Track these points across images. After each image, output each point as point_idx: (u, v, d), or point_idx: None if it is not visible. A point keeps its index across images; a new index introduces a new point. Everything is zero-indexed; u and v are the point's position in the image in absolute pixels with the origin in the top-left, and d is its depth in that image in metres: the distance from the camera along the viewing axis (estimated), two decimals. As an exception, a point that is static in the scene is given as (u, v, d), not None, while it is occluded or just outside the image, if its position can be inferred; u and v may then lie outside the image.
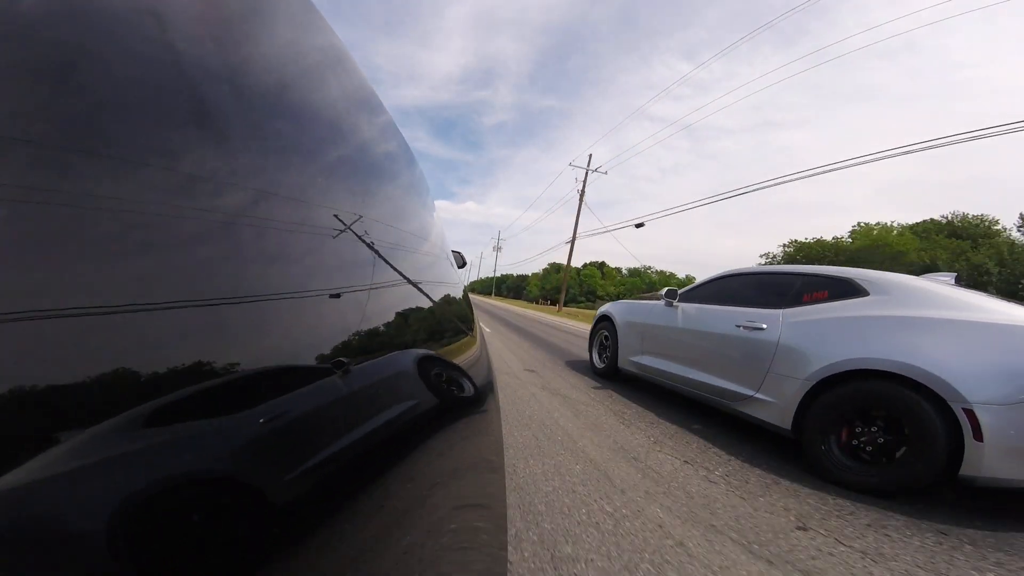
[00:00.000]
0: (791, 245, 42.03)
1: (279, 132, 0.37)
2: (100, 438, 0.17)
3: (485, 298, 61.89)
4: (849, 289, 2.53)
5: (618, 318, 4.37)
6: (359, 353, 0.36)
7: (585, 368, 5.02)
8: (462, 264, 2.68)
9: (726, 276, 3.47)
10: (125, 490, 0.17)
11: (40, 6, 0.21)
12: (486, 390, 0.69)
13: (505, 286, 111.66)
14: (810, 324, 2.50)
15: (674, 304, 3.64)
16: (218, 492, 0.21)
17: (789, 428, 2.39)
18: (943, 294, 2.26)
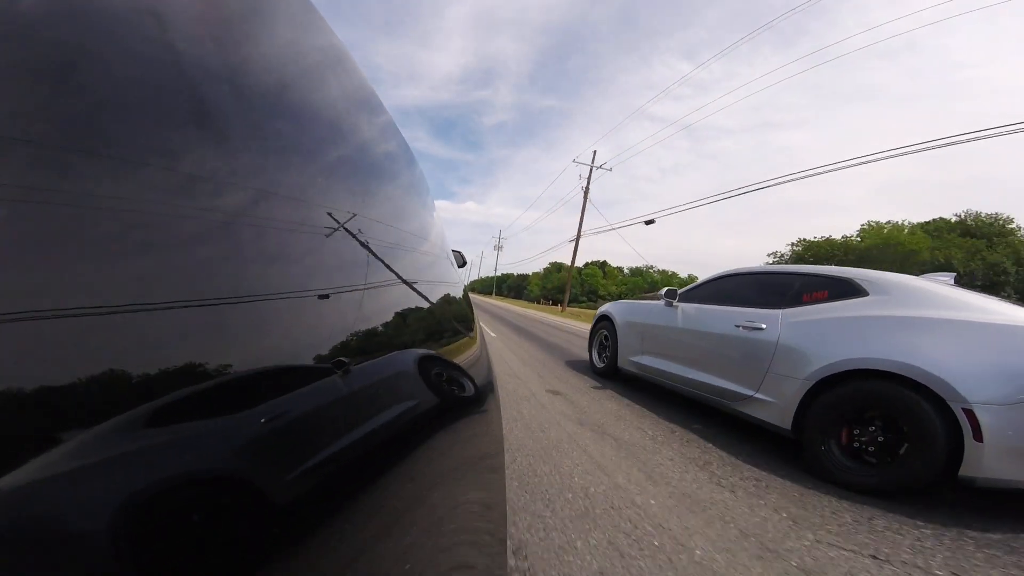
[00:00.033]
0: (799, 244, 41.47)
1: (279, 132, 0.37)
2: (100, 438, 0.17)
3: (486, 298, 60.89)
4: (849, 289, 2.53)
5: (618, 318, 4.36)
6: (359, 353, 0.36)
7: (633, 392, 3.95)
8: (462, 264, 2.68)
9: (726, 276, 3.46)
10: (126, 490, 0.17)
11: (40, 6, 0.21)
12: (486, 390, 0.69)
13: (506, 285, 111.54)
14: (810, 324, 2.50)
15: (674, 304, 3.63)
16: (219, 492, 0.21)
17: (789, 428, 2.39)
18: (943, 294, 2.26)
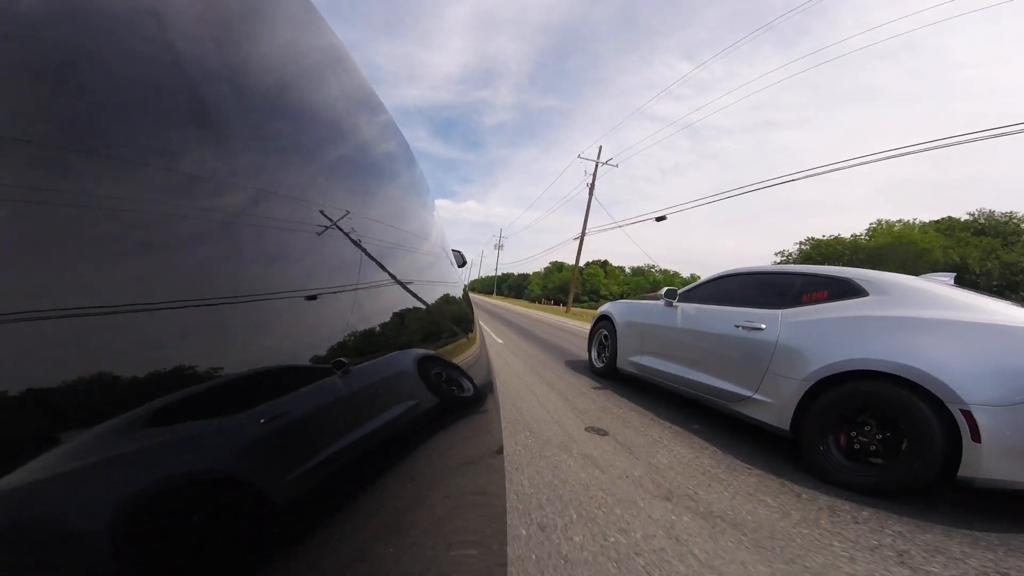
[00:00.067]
0: (807, 243, 41.00)
1: (279, 132, 0.37)
2: (100, 438, 0.17)
3: (486, 297, 60.16)
4: (848, 289, 2.53)
5: (617, 318, 4.36)
6: (359, 353, 0.36)
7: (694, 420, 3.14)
8: (462, 263, 2.68)
9: (726, 276, 3.46)
10: (126, 490, 0.17)
11: (40, 6, 0.21)
12: (486, 390, 0.69)
13: (506, 285, 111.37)
14: (809, 324, 2.50)
15: (673, 304, 3.63)
16: (219, 492, 0.21)
17: (787, 429, 2.39)
18: (942, 295, 2.26)
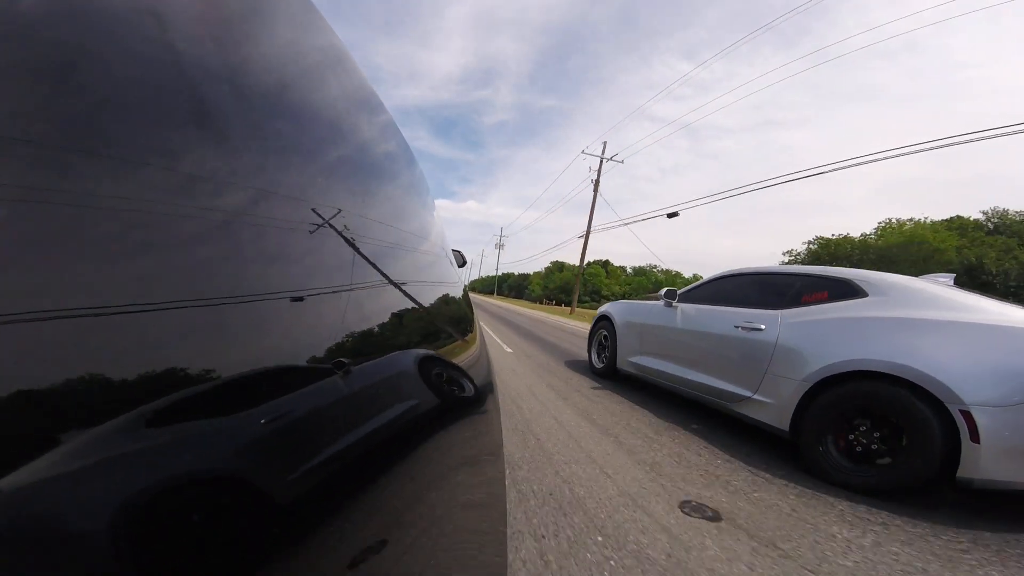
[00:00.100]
0: (816, 242, 40.53)
1: (279, 132, 0.37)
2: (100, 439, 0.17)
3: (487, 298, 58.94)
4: (848, 290, 2.54)
5: (617, 318, 4.36)
6: (360, 353, 0.36)
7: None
8: (462, 263, 2.67)
9: (725, 276, 3.46)
10: (126, 491, 0.17)
11: (40, 6, 0.21)
12: (486, 390, 0.69)
13: (506, 285, 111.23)
14: (808, 325, 2.50)
15: (673, 304, 3.63)
16: (220, 492, 0.21)
17: (787, 429, 2.39)
18: (941, 295, 2.26)
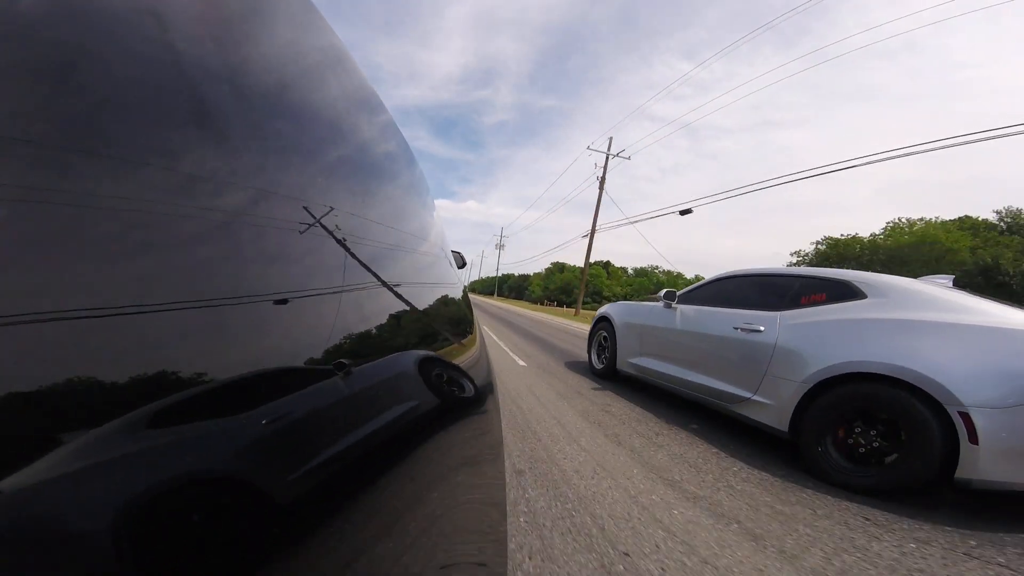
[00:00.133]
0: (824, 242, 40.06)
1: (279, 132, 0.37)
2: (100, 439, 0.17)
3: (488, 299, 58.13)
4: (847, 292, 2.54)
5: (617, 319, 4.36)
6: (360, 354, 0.36)
7: None
8: (462, 264, 2.67)
9: (725, 278, 3.46)
10: (126, 491, 0.17)
11: (40, 6, 0.21)
12: (486, 390, 0.69)
13: (507, 286, 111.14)
14: (808, 326, 2.51)
15: (672, 306, 3.64)
16: (221, 492, 0.21)
17: (786, 430, 2.39)
18: (940, 297, 2.26)
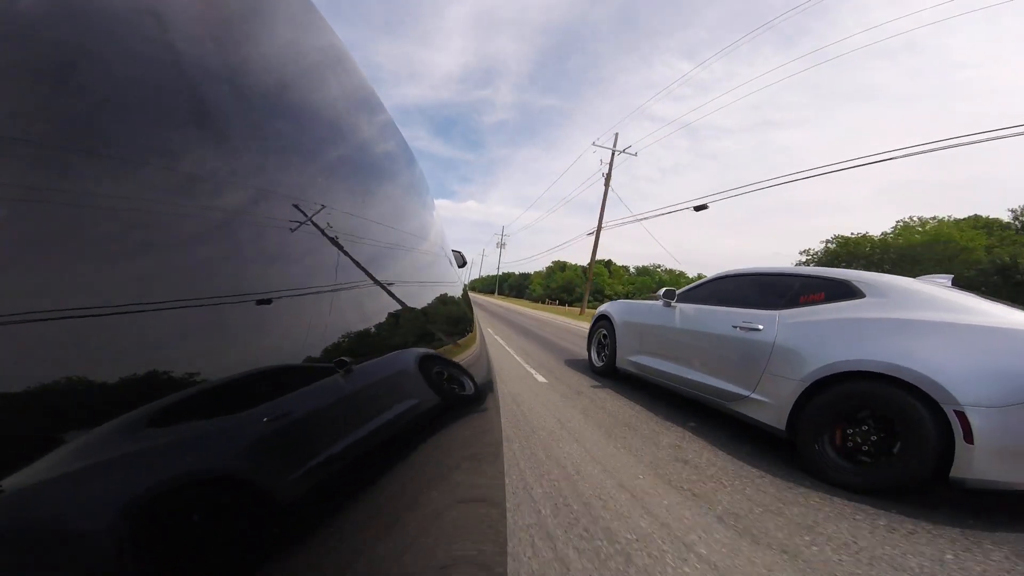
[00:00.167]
0: (835, 241, 39.57)
1: (279, 132, 0.37)
2: (101, 439, 0.17)
3: (488, 297, 57.76)
4: (846, 291, 2.54)
5: (616, 318, 4.37)
6: (360, 353, 0.37)
7: None
8: (462, 263, 2.67)
9: (724, 277, 3.47)
10: (126, 491, 0.17)
11: (40, 6, 0.21)
12: (486, 389, 0.69)
13: (507, 284, 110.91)
14: (806, 325, 2.51)
15: (672, 304, 3.64)
16: (221, 491, 0.21)
17: (784, 428, 2.40)
18: (939, 297, 2.27)
